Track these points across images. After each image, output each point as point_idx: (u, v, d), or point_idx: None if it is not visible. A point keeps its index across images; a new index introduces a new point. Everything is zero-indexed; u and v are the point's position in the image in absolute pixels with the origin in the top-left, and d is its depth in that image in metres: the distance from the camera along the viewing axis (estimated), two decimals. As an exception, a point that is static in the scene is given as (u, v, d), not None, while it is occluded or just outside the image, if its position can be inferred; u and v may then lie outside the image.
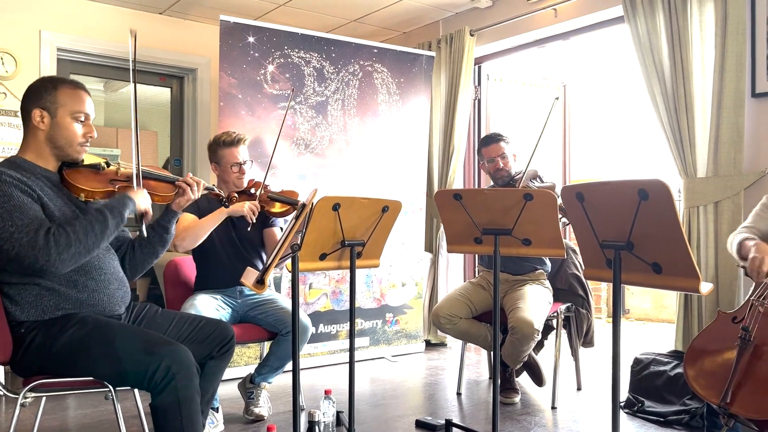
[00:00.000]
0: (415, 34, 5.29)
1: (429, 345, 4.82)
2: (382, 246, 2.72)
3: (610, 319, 7.24)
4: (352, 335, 2.57)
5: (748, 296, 2.35)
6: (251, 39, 3.91)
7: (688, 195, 3.35)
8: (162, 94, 5.33)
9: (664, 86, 3.43)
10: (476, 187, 5.09)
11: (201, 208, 2.98)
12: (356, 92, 4.32)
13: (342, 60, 4.25)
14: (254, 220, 2.89)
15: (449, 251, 2.75)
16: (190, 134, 5.09)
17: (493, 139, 3.53)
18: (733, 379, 2.06)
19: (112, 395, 1.97)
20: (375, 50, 4.41)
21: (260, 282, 2.08)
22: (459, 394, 3.57)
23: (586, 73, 7.21)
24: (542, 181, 3.28)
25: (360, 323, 4.36)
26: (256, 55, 3.93)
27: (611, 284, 1.97)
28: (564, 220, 2.74)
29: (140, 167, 2.15)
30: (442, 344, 4.87)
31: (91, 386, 2.00)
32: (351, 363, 2.58)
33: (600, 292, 6.94)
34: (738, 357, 2.09)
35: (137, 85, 2.21)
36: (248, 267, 2.27)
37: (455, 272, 5.05)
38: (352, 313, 2.56)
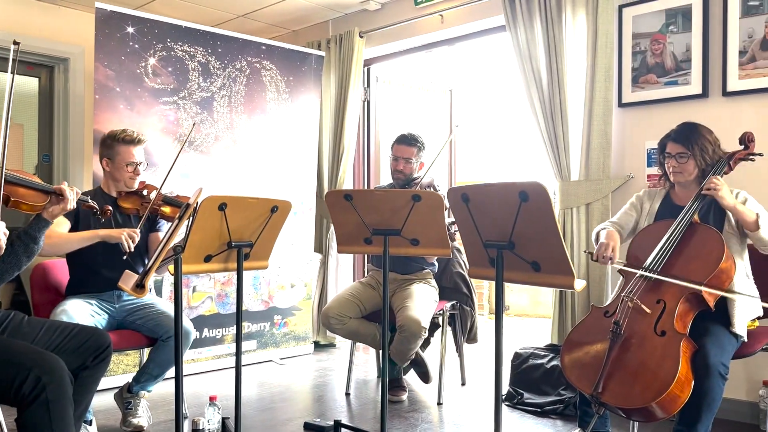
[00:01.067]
0: (305, 32, 5.24)
1: (318, 346, 4.79)
2: (271, 247, 2.67)
3: (492, 316, 7.58)
4: (239, 338, 2.50)
5: (616, 291, 2.53)
6: (131, 29, 3.71)
7: (562, 197, 3.56)
8: (28, 83, 4.92)
9: (542, 94, 3.62)
10: (366, 187, 5.13)
11: (80, 214, 2.78)
12: (244, 89, 4.21)
13: (229, 55, 4.13)
14: (131, 249, 2.71)
15: (340, 252, 2.75)
16: (61, 128, 4.73)
17: (407, 140, 3.50)
18: (605, 370, 2.20)
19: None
20: (263, 47, 4.32)
21: (140, 286, 1.96)
22: (348, 394, 3.58)
23: (472, 79, 7.47)
24: (435, 191, 3.35)
25: (247, 326, 4.25)
26: (136, 46, 3.73)
27: (494, 282, 2.05)
28: (449, 221, 2.81)
29: (4, 172, 1.94)
30: (332, 345, 4.86)
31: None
32: (237, 367, 2.50)
33: (482, 289, 7.22)
34: (609, 349, 2.24)
35: (0, 71, 2.02)
36: (126, 270, 2.14)
37: (345, 272, 5.06)
38: (239, 316, 2.49)
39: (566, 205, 3.54)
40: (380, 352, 3.77)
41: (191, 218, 2.16)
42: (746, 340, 2.35)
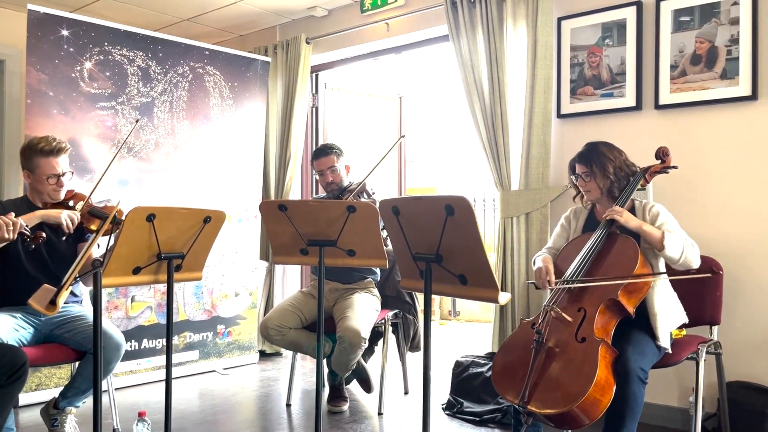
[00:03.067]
0: (252, 38, 5.19)
1: (264, 356, 4.73)
2: (205, 258, 2.62)
3: (444, 322, 7.60)
4: (169, 351, 2.44)
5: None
6: (65, 32, 3.60)
7: (503, 206, 3.60)
8: (-38, 85, 4.74)
9: (484, 104, 3.65)
10: (314, 194, 5.09)
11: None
12: (186, 94, 4.14)
13: (170, 60, 4.05)
14: (71, 230, 2.64)
15: (275, 262, 2.72)
16: (-4, 132, 4.58)
17: (323, 152, 3.50)
18: (530, 379, 2.23)
19: None
20: (207, 52, 4.25)
21: (52, 302, 1.89)
22: (289, 405, 3.54)
23: (423, 86, 7.53)
24: (369, 197, 3.34)
25: (189, 336, 4.17)
26: (71, 50, 3.63)
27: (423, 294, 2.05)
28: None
29: None
30: (278, 354, 4.80)
31: None
32: (168, 381, 2.45)
33: (434, 296, 7.25)
34: (533, 358, 2.27)
35: None
36: (45, 285, 2.06)
37: (292, 281, 5.01)
38: (169, 329, 2.43)
39: (507, 215, 3.58)
40: (323, 361, 3.73)
41: (113, 231, 2.09)
42: (670, 351, 2.41)
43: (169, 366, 2.46)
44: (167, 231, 2.38)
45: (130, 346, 3.89)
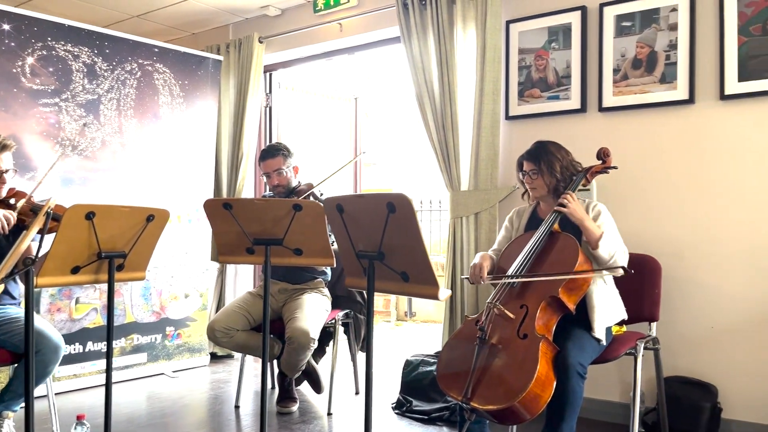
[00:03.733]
0: (204, 36, 5.13)
1: (215, 358, 4.67)
2: (148, 257, 2.58)
3: (400, 323, 7.61)
4: (109, 352, 2.39)
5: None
6: (6, 26, 3.49)
7: (453, 206, 3.63)
8: None
9: (434, 105, 3.69)
10: (267, 194, 5.05)
11: None
12: (134, 92, 4.06)
13: (117, 57, 3.97)
14: (6, 231, 2.56)
15: (220, 261, 2.69)
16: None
17: (269, 153, 3.45)
18: (473, 375, 2.26)
19: None
20: (156, 49, 4.18)
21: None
22: (237, 407, 3.50)
23: (378, 88, 7.55)
24: (316, 200, 3.33)
25: (136, 338, 4.09)
26: (12, 44, 3.52)
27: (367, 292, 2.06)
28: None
29: None
30: (229, 356, 4.74)
31: None
32: (108, 383, 2.40)
33: (390, 296, 7.28)
34: (476, 355, 2.30)
35: None
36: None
37: (244, 282, 4.96)
38: (110, 329, 2.38)
39: (456, 215, 3.61)
40: (274, 362, 3.72)
41: (45, 228, 2.03)
42: (605, 343, 2.46)
43: (109, 367, 2.41)
44: (108, 229, 2.33)
45: (74, 350, 3.79)
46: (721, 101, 2.98)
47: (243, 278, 4.94)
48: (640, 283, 2.81)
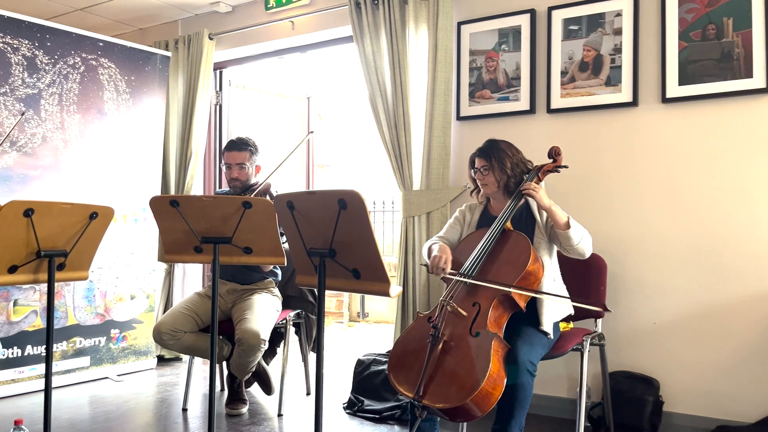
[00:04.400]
0: (152, 31, 5.01)
1: (162, 360, 4.56)
2: (91, 256, 2.50)
3: (352, 324, 7.60)
4: (49, 355, 2.30)
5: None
6: (-61, 15, 3.34)
7: (405, 206, 3.64)
8: None
9: (387, 105, 3.69)
10: (222, 191, 4.96)
11: None
12: (77, 87, 3.93)
13: (59, 50, 3.84)
14: None
15: (167, 261, 2.63)
16: None
17: (236, 145, 3.41)
18: (425, 373, 2.26)
19: None
20: (101, 43, 4.06)
21: None
22: (185, 410, 3.42)
23: (332, 88, 7.52)
24: (272, 198, 3.28)
25: (79, 341, 3.95)
26: (-54, 34, 3.37)
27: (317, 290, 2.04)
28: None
29: None
30: (177, 359, 4.63)
31: None
32: (47, 388, 2.31)
33: (342, 297, 7.25)
34: (429, 353, 2.31)
35: None
36: None
37: (192, 282, 4.86)
38: (49, 331, 2.30)
39: (408, 214, 3.62)
40: (223, 364, 3.65)
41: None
42: (552, 337, 2.51)
43: (48, 371, 2.33)
44: (48, 227, 2.25)
45: (12, 353, 3.64)
46: (662, 104, 3.07)
47: (191, 279, 4.84)
48: (587, 281, 2.87)
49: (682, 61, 3.01)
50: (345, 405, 3.40)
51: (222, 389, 3.81)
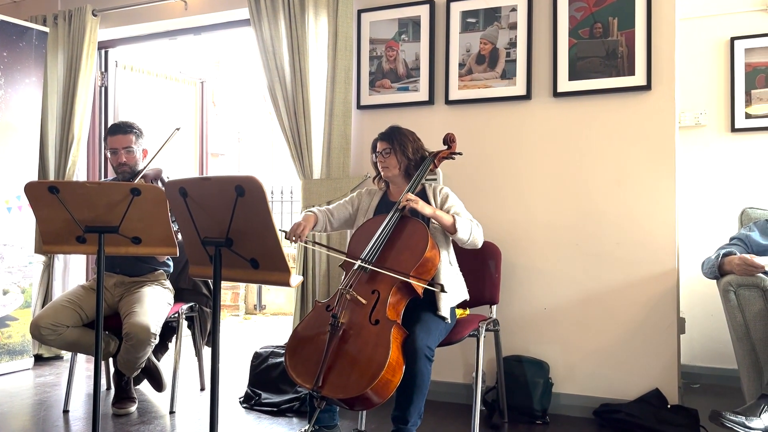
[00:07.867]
0: (28, 5, 4.62)
1: (40, 360, 4.23)
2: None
3: (249, 316, 7.43)
4: None
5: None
6: None
7: (305, 195, 3.58)
8: None
9: (286, 92, 3.60)
10: (103, 178, 4.67)
11: None
12: (-61, 61, 3.55)
13: None
14: None
15: (45, 252, 2.44)
16: None
17: (120, 129, 3.23)
18: (324, 363, 2.23)
19: None
20: (-33, 14, 3.68)
21: None
22: (66, 411, 3.19)
23: (226, 74, 7.28)
24: (164, 185, 3.12)
25: (-58, 342, 3.59)
26: None
27: (213, 281, 1.95)
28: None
29: None
30: (58, 358, 4.32)
31: None
32: None
33: (238, 290, 7.07)
34: (328, 342, 2.28)
35: None
36: None
37: (75, 275, 4.54)
38: None
39: (308, 203, 3.56)
40: (109, 360, 3.44)
41: None
42: (450, 321, 2.56)
43: None
44: None
45: None
46: (554, 98, 3.20)
47: (74, 271, 4.52)
48: (482, 268, 2.95)
49: (572, 57, 3.14)
50: (241, 399, 3.31)
51: (108, 388, 3.59)
